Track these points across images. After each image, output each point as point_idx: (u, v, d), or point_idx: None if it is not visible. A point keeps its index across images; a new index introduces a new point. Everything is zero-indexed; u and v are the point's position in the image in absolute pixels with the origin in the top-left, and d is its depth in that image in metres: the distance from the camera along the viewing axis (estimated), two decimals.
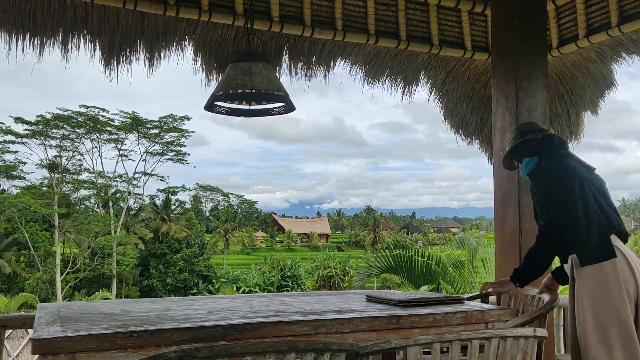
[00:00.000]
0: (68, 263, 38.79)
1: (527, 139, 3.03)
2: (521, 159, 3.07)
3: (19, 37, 3.78)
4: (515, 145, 3.07)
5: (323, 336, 2.19)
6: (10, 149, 40.66)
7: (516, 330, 1.98)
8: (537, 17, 4.05)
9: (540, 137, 3.03)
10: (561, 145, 3.00)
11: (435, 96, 5.26)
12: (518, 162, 3.13)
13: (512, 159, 3.17)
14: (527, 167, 3.00)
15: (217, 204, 79.26)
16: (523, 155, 3.05)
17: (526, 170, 3.01)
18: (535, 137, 3.03)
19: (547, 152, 2.93)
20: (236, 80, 3.49)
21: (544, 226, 2.84)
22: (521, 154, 3.06)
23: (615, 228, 2.70)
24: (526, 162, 3.01)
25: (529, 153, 3.01)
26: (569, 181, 2.74)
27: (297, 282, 45.01)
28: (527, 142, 3.03)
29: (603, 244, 2.63)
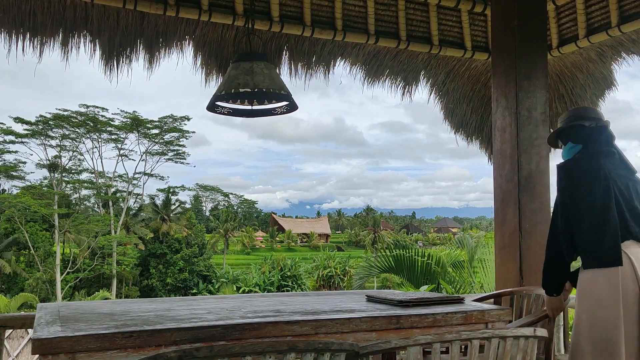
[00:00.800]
0: (68, 263, 38.80)
1: (580, 124, 2.91)
2: (566, 142, 2.96)
3: (19, 37, 3.78)
4: (566, 127, 2.95)
5: (323, 336, 2.19)
6: (10, 149, 40.69)
7: (516, 330, 1.98)
8: (537, 17, 4.05)
9: (593, 127, 2.90)
10: (609, 140, 2.88)
11: (435, 96, 5.26)
12: (563, 143, 3.00)
13: (559, 139, 3.04)
14: (569, 153, 2.92)
15: (217, 204, 79.27)
16: (569, 139, 2.93)
17: (567, 155, 2.92)
18: (589, 126, 2.90)
19: (592, 144, 2.83)
20: (238, 79, 3.49)
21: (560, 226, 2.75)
22: (567, 138, 2.95)
23: (632, 234, 2.63)
24: (569, 147, 2.92)
25: (575, 139, 2.90)
26: (594, 181, 2.65)
27: (297, 282, 45.02)
28: (578, 128, 2.90)
29: (610, 249, 2.56)
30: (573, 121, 2.94)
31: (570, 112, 3.04)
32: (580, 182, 2.69)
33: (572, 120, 2.95)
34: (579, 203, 2.64)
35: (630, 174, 2.79)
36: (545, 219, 3.98)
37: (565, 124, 2.97)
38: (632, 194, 2.71)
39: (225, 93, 3.53)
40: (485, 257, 8.29)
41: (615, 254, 2.55)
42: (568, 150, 2.93)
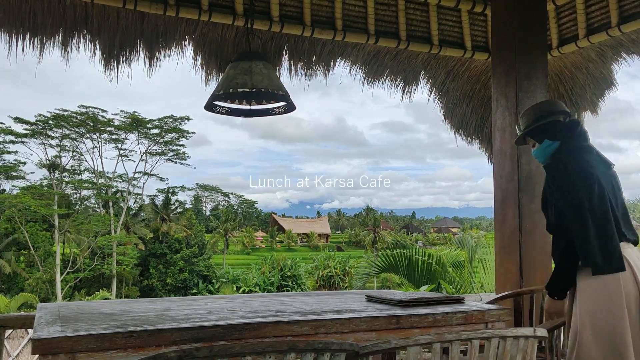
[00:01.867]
0: (68, 263, 38.80)
1: (557, 120, 2.78)
2: (542, 140, 2.79)
3: (19, 37, 3.78)
4: (542, 124, 2.78)
5: (323, 336, 2.19)
6: (10, 149, 40.70)
7: (516, 330, 1.98)
8: (537, 17, 4.05)
9: (568, 121, 2.79)
10: (585, 135, 2.77)
11: (435, 96, 5.26)
12: (537, 142, 2.82)
13: (532, 137, 2.84)
14: (545, 152, 2.78)
15: (217, 204, 79.30)
16: (547, 137, 2.77)
17: (544, 154, 2.78)
18: (564, 120, 2.78)
19: (570, 141, 2.72)
20: (236, 79, 3.49)
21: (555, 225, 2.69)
22: (544, 135, 2.78)
23: (626, 236, 2.57)
24: (546, 145, 2.77)
25: (553, 136, 2.75)
26: (589, 182, 2.55)
27: (297, 282, 45.02)
28: (556, 124, 2.77)
29: (613, 253, 2.49)
30: (547, 117, 2.79)
31: (540, 108, 2.87)
32: (577, 184, 2.56)
33: (546, 116, 2.80)
34: (581, 206, 2.53)
35: (608, 169, 2.71)
36: (545, 219, 3.98)
37: (538, 120, 2.80)
38: (615, 192, 2.65)
39: (223, 93, 3.53)
40: (485, 257, 8.29)
41: (621, 259, 2.49)
42: (545, 149, 2.78)
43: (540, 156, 2.83)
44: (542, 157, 2.82)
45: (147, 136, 44.04)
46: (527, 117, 2.85)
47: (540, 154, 2.82)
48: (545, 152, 2.78)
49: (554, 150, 2.75)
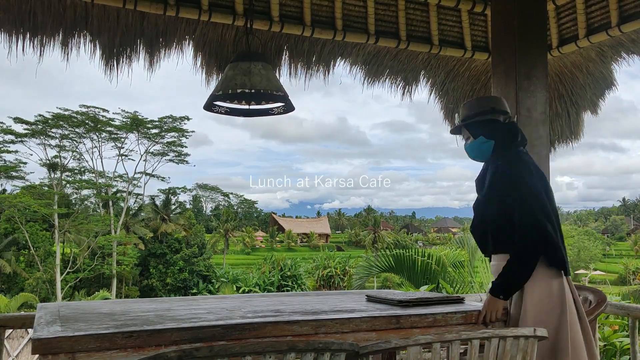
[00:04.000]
0: (68, 263, 38.81)
1: (496, 120, 2.72)
2: (477, 136, 2.73)
3: (19, 37, 3.78)
4: (483, 120, 2.72)
5: (323, 336, 2.19)
6: (10, 148, 40.70)
7: (516, 330, 1.98)
8: (537, 17, 4.05)
9: (508, 123, 2.75)
10: (523, 140, 2.77)
11: (435, 96, 5.26)
12: (472, 135, 2.76)
13: (468, 129, 2.76)
14: (479, 148, 2.74)
15: (218, 204, 79.30)
16: (483, 133, 2.71)
17: (477, 151, 2.75)
18: (503, 121, 2.74)
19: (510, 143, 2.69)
20: (235, 80, 3.49)
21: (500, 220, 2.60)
22: (481, 132, 2.72)
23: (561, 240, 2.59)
24: (481, 142, 2.73)
25: (490, 134, 2.70)
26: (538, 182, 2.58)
27: (297, 282, 45.02)
28: (495, 123, 2.72)
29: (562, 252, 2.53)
30: (488, 114, 2.73)
31: (483, 103, 2.81)
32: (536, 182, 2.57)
33: (488, 112, 2.73)
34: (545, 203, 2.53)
35: (543, 174, 2.72)
36: None
37: (479, 115, 2.73)
38: (551, 197, 2.64)
39: (222, 93, 3.54)
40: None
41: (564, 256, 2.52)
42: (479, 145, 2.74)
43: (472, 151, 2.79)
44: (474, 154, 2.79)
45: (147, 136, 44.04)
46: (468, 109, 2.79)
47: (473, 149, 2.78)
48: (479, 149, 2.75)
49: (488, 148, 2.72)
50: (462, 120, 2.78)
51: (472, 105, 2.80)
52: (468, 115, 2.76)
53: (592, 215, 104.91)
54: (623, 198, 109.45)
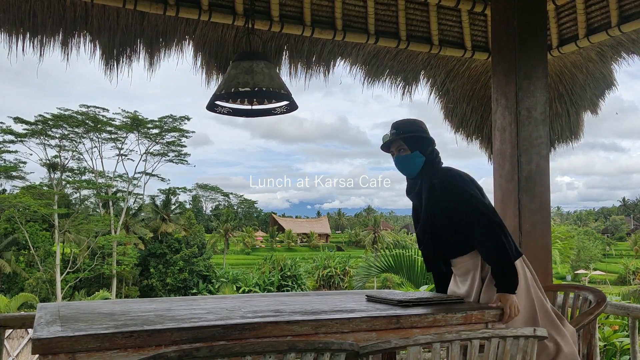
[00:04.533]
0: (68, 263, 38.82)
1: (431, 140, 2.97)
2: (414, 150, 2.92)
3: (19, 37, 3.78)
4: (424, 136, 2.94)
5: (323, 336, 2.19)
6: (10, 148, 40.71)
7: (516, 330, 1.98)
8: (537, 17, 4.06)
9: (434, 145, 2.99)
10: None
11: (435, 96, 5.26)
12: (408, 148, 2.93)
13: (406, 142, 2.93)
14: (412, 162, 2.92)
15: (218, 204, 79.31)
16: (419, 149, 2.92)
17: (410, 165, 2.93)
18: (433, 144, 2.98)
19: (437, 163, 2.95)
20: (238, 79, 3.49)
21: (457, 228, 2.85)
22: (418, 147, 2.92)
23: None
24: (415, 156, 2.92)
25: (424, 151, 2.92)
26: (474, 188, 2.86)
27: (297, 282, 45.03)
28: (431, 144, 2.95)
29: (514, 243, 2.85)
30: (426, 134, 2.98)
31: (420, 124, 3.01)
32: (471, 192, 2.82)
33: (425, 132, 2.99)
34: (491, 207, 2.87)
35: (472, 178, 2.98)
36: (545, 219, 3.98)
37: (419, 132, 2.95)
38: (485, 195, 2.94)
39: (225, 92, 3.53)
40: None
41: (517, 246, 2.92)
42: (413, 159, 2.92)
43: (404, 164, 2.97)
44: (405, 166, 2.97)
45: (147, 136, 44.04)
46: (406, 125, 3.00)
47: (406, 161, 2.95)
48: (412, 163, 2.93)
49: (419, 164, 2.92)
50: (403, 133, 2.94)
51: (410, 123, 3.00)
52: (408, 130, 2.95)
53: (592, 215, 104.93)
54: (623, 198, 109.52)
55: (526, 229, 3.87)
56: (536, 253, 3.85)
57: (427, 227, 2.93)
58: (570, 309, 3.22)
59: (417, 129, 2.96)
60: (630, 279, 51.35)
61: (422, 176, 2.95)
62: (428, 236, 2.95)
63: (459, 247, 2.88)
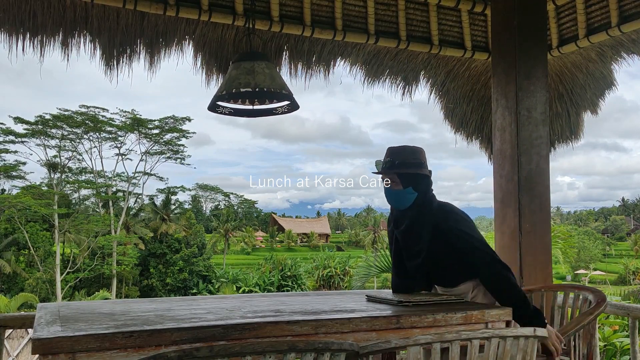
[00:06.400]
0: (68, 263, 38.81)
1: (426, 175, 2.88)
2: (407, 186, 2.84)
3: (19, 37, 3.78)
4: (419, 174, 2.85)
5: (323, 336, 2.19)
6: (10, 148, 40.71)
7: (516, 330, 1.98)
8: (537, 17, 4.06)
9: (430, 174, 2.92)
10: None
11: (435, 96, 5.26)
12: (401, 184, 2.85)
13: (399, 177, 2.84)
14: (404, 198, 2.86)
15: (218, 204, 79.29)
16: (413, 185, 2.84)
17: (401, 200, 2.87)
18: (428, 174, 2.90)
19: (429, 197, 2.88)
20: (239, 79, 3.48)
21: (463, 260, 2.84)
22: (412, 184, 2.84)
23: None
24: (408, 192, 2.85)
25: (417, 188, 2.84)
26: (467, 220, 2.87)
27: (297, 282, 45.03)
28: (425, 179, 2.87)
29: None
30: (422, 167, 2.87)
31: (417, 155, 2.89)
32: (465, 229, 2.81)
33: (422, 165, 2.87)
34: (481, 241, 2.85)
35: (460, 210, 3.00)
36: (545, 219, 3.98)
37: (415, 167, 2.84)
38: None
39: (226, 93, 3.53)
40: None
41: None
42: (405, 195, 2.84)
43: (394, 198, 2.90)
44: (396, 201, 2.90)
45: (147, 136, 44.05)
46: (402, 157, 2.86)
47: (397, 197, 2.88)
48: (404, 198, 2.86)
49: (411, 199, 2.85)
50: (396, 167, 2.85)
51: (408, 154, 2.88)
52: (403, 164, 2.84)
53: (592, 215, 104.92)
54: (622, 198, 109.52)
55: (526, 229, 3.87)
56: (536, 253, 3.85)
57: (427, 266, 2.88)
58: (570, 309, 3.22)
59: (413, 162, 2.85)
60: (630, 279, 51.36)
61: (412, 210, 2.87)
62: (422, 273, 2.90)
63: (461, 277, 2.87)
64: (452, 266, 2.87)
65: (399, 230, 2.97)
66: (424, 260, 2.87)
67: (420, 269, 2.90)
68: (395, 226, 2.99)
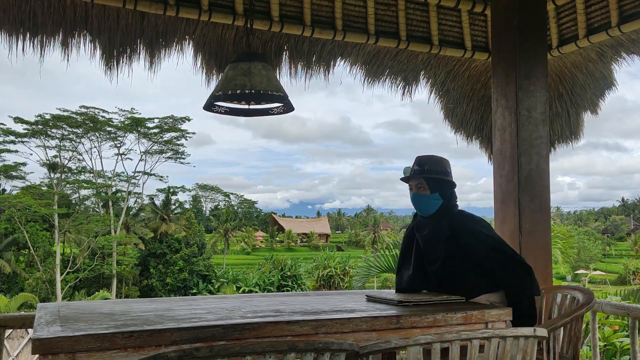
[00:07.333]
0: (68, 263, 38.81)
1: (453, 183, 2.98)
2: (434, 191, 2.92)
3: (19, 37, 3.78)
4: (448, 180, 2.95)
5: (323, 336, 2.19)
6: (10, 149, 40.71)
7: (516, 330, 1.98)
8: (537, 17, 4.05)
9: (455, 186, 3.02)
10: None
11: (435, 96, 5.26)
12: (429, 189, 2.92)
13: (428, 182, 2.92)
14: (431, 203, 2.93)
15: (218, 203, 79.27)
16: (440, 191, 2.92)
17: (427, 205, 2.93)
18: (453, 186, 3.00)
19: (453, 206, 2.97)
20: (235, 80, 3.49)
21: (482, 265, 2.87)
22: (439, 190, 2.92)
23: None
24: (434, 198, 2.92)
25: (443, 194, 2.92)
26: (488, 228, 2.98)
27: (297, 282, 45.02)
28: (452, 187, 2.97)
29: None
30: (450, 176, 2.97)
31: (446, 164, 2.98)
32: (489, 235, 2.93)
33: (449, 175, 2.97)
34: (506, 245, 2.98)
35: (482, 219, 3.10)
36: (545, 219, 3.98)
37: (445, 174, 2.94)
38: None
39: (222, 93, 3.53)
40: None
41: None
42: (432, 200, 2.92)
43: (421, 203, 2.96)
44: (422, 206, 2.96)
45: (146, 135, 44.05)
46: (432, 163, 2.96)
47: (423, 201, 2.95)
48: (430, 204, 2.93)
49: (435, 205, 2.92)
50: (427, 171, 2.92)
51: (436, 162, 2.97)
52: (432, 170, 2.93)
53: (592, 215, 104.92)
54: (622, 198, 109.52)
55: (526, 229, 3.86)
56: (536, 253, 3.85)
57: (444, 272, 2.89)
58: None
59: (441, 170, 2.94)
60: (630, 279, 51.36)
61: (436, 217, 2.93)
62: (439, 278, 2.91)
63: (480, 289, 2.86)
64: (470, 275, 2.85)
65: (420, 235, 3.00)
66: (442, 265, 2.89)
67: (438, 274, 2.92)
68: (417, 230, 3.03)
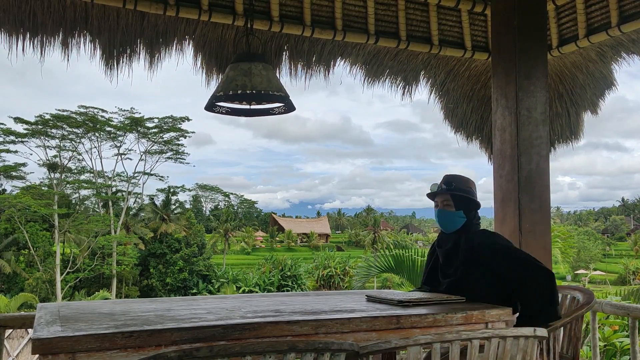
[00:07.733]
0: (68, 263, 38.80)
1: (478, 203, 3.04)
2: (459, 209, 2.99)
3: (19, 37, 3.78)
4: (474, 199, 3.01)
5: (323, 336, 2.19)
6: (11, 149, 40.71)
7: (516, 330, 1.98)
8: (537, 17, 4.05)
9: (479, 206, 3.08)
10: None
11: (435, 96, 5.26)
12: (454, 206, 2.99)
13: (453, 199, 2.99)
14: (454, 220, 2.99)
15: (217, 204, 79.29)
16: (464, 210, 2.99)
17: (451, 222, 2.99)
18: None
19: (476, 224, 3.03)
20: (236, 81, 3.49)
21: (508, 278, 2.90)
22: (464, 207, 2.99)
23: None
24: (458, 215, 2.99)
25: (468, 213, 2.99)
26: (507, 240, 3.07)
27: (297, 282, 45.03)
28: (476, 207, 3.03)
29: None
30: (475, 196, 3.04)
31: (472, 183, 3.06)
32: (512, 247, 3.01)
33: (475, 195, 3.04)
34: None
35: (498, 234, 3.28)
36: (545, 219, 3.98)
37: (471, 193, 3.01)
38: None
39: (223, 94, 3.53)
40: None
41: None
42: (455, 218, 2.98)
43: (445, 219, 3.02)
44: (446, 222, 3.02)
45: (145, 135, 44.05)
46: (459, 181, 3.02)
47: (447, 218, 3.01)
48: (453, 221, 2.99)
49: (459, 223, 2.98)
50: (452, 189, 2.99)
51: (463, 181, 3.04)
52: (460, 188, 2.99)
53: (592, 215, 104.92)
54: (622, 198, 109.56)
55: (526, 229, 3.87)
56: (536, 253, 3.83)
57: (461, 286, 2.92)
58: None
59: (467, 189, 3.02)
60: (630, 279, 51.36)
61: (457, 235, 2.99)
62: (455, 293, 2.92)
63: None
64: (484, 292, 2.85)
65: (441, 250, 3.06)
66: (459, 279, 2.92)
67: (454, 288, 2.93)
68: (438, 246, 3.10)
